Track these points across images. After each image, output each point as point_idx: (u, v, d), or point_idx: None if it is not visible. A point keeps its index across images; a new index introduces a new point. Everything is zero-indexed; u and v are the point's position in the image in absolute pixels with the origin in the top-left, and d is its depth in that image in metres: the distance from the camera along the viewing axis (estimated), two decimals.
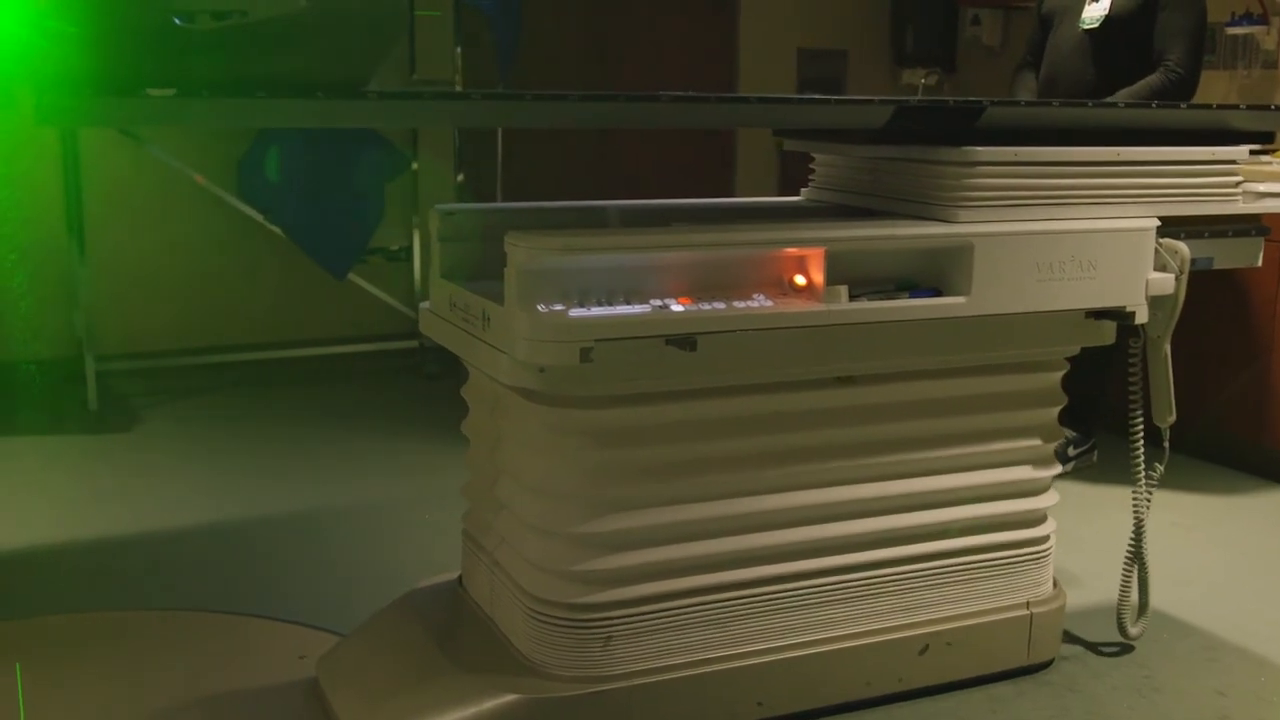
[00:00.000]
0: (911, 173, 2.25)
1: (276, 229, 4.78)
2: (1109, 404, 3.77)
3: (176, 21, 1.72)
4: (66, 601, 2.90)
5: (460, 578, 2.46)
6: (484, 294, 2.07)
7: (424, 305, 2.33)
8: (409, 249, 5.28)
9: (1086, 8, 3.64)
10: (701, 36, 6.02)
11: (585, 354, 1.93)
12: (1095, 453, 3.91)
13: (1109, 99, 3.51)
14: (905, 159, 2.27)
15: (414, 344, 5.27)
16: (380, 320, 5.33)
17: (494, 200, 5.40)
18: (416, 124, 4.63)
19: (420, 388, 5.04)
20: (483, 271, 2.16)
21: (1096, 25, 3.60)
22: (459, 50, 5.14)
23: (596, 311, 1.96)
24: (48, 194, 4.84)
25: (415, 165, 5.25)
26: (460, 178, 5.43)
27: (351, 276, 4.95)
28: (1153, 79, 3.54)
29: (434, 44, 5.09)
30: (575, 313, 1.95)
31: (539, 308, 1.94)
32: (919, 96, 6.15)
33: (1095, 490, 3.74)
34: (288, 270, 5.10)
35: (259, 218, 4.89)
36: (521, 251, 1.94)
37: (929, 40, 6.20)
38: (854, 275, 2.11)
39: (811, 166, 2.58)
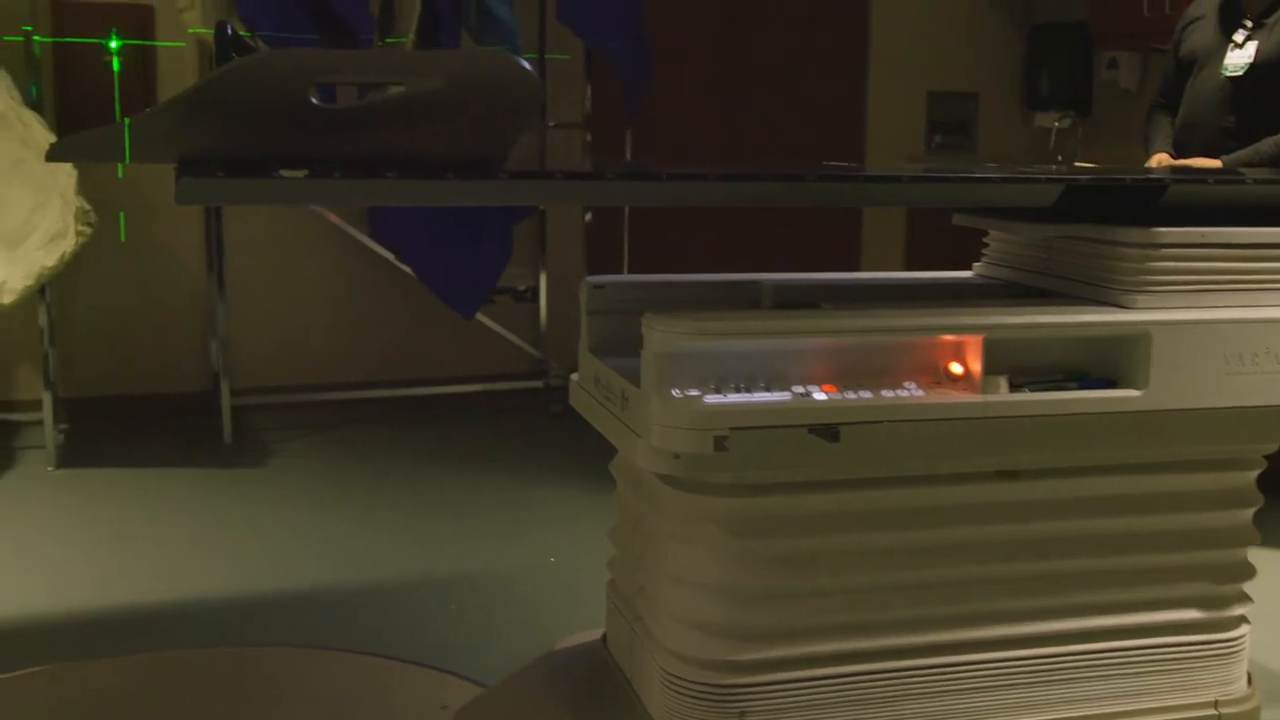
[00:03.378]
0: (1086, 253, 2.07)
1: (407, 268, 4.81)
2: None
3: (313, 100, 1.67)
4: (202, 636, 2.91)
5: (604, 636, 2.40)
6: (625, 372, 2.00)
7: (574, 377, 2.29)
8: (536, 289, 5.25)
9: (1230, 54, 3.52)
10: (830, 77, 5.91)
11: (720, 442, 1.84)
12: None
13: None
14: (1079, 238, 2.09)
15: (539, 384, 5.25)
16: (506, 359, 5.32)
17: (620, 240, 5.34)
18: (549, 202, 4.62)
19: (546, 426, 5.04)
20: (631, 346, 2.08)
21: (1241, 73, 3.46)
22: (589, 93, 5.11)
23: (733, 398, 1.87)
24: (189, 228, 4.96)
25: (543, 205, 5.22)
26: (588, 217, 5.39)
27: (478, 316, 4.95)
28: None
29: (565, 87, 5.07)
30: (711, 399, 1.86)
31: (673, 393, 1.86)
32: (1052, 142, 5.90)
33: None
34: (416, 308, 5.13)
35: (390, 257, 4.93)
36: (657, 335, 1.87)
37: (1063, 83, 5.96)
38: (1017, 364, 1.95)
39: (985, 240, 2.43)
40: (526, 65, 1.62)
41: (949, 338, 1.94)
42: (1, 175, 4.14)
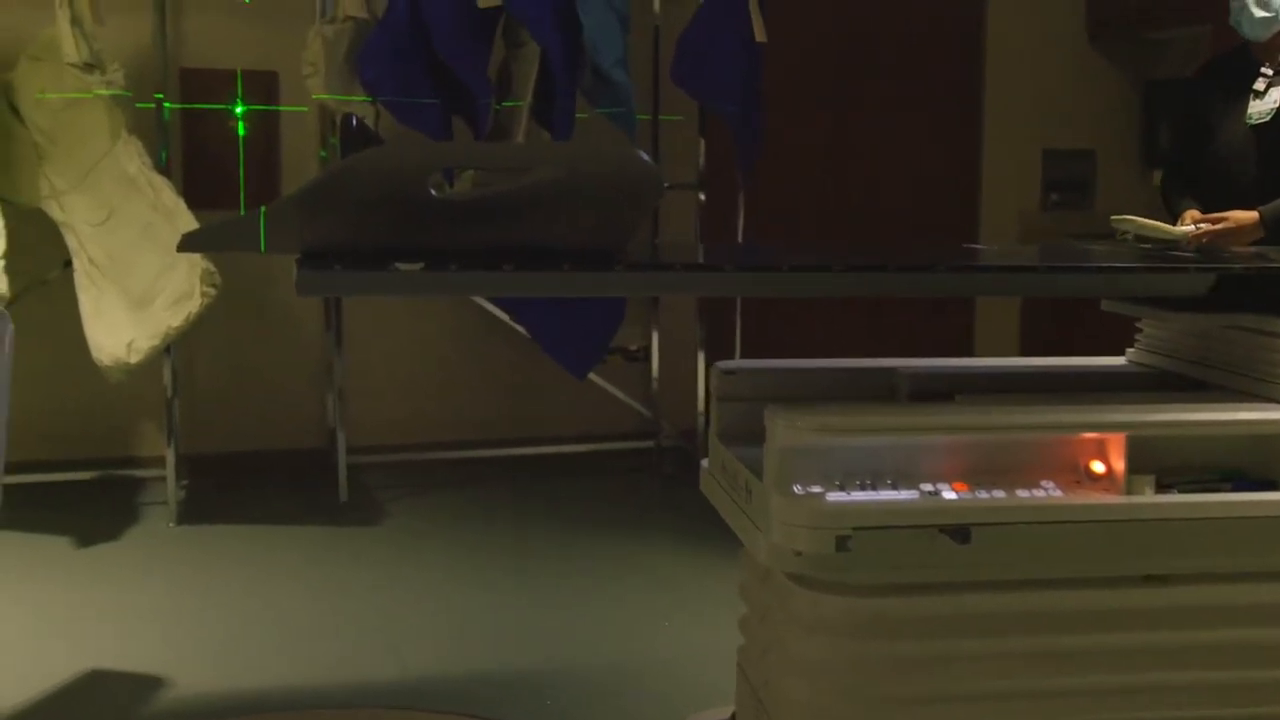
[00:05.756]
0: (1244, 344, 1.94)
1: (520, 328, 4.82)
2: None
3: (433, 192, 1.66)
4: (317, 697, 2.91)
5: (733, 716, 2.34)
6: (751, 462, 1.95)
7: (704, 463, 2.25)
8: (648, 349, 5.22)
9: (1252, 104, 3.38)
10: (944, 136, 5.79)
11: (843, 542, 1.78)
12: None
13: None
14: (1234, 327, 1.96)
15: (649, 444, 5.20)
16: (617, 419, 5.28)
17: (734, 300, 5.27)
18: (665, 293, 4.57)
19: (657, 487, 4.98)
20: (761, 434, 2.02)
21: (1266, 119, 3.33)
22: (703, 154, 5.08)
23: (857, 496, 1.81)
24: None
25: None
26: None
27: (590, 375, 4.93)
28: None
29: (678, 148, 5.05)
30: (833, 497, 1.79)
31: (795, 489, 1.80)
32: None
33: None
34: (529, 368, 5.13)
35: (504, 316, 4.94)
36: (780, 429, 1.81)
37: None
38: (1164, 463, 1.83)
39: (1139, 325, 2.31)
40: (647, 158, 1.59)
41: (1090, 435, 1.83)
42: (131, 238, 4.27)
